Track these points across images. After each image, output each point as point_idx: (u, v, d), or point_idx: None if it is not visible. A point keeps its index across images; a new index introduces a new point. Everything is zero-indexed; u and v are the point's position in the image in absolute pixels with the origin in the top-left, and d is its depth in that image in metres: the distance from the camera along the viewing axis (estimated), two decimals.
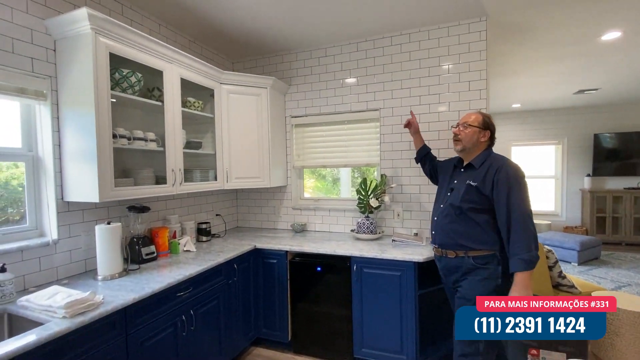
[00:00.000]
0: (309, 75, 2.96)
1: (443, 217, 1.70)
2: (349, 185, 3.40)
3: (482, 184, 1.58)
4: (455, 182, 1.74)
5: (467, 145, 1.70)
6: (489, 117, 1.74)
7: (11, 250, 1.50)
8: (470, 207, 1.60)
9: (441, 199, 1.79)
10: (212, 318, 2.03)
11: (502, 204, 1.52)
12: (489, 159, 1.66)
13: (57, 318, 1.25)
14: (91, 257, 1.85)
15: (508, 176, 1.54)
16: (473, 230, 1.60)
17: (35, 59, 1.60)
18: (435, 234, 1.75)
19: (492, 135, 1.72)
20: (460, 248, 1.62)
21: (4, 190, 1.64)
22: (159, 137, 2.06)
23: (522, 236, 1.47)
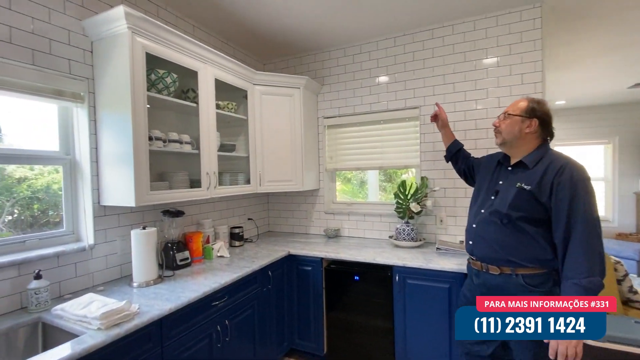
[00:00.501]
0: (343, 74, 2.83)
1: (485, 224, 1.43)
2: (376, 189, 3.23)
3: (537, 188, 1.29)
4: (501, 183, 1.45)
5: (508, 138, 1.43)
6: (539, 103, 1.40)
7: (47, 256, 1.46)
8: (521, 216, 1.32)
9: (482, 203, 1.50)
10: (246, 328, 1.93)
11: (562, 213, 1.23)
12: (547, 156, 1.35)
13: (92, 329, 1.18)
14: (126, 263, 1.81)
15: (572, 178, 1.24)
16: (524, 243, 1.31)
17: (72, 60, 1.58)
18: (474, 245, 1.47)
19: (543, 125, 1.38)
20: (507, 264, 1.34)
21: (46, 194, 1.62)
22: (194, 139, 2.00)
23: (583, 255, 1.17)
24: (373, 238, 2.75)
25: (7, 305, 1.34)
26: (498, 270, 1.36)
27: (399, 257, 2.13)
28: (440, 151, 2.48)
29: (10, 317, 1.31)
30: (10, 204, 1.49)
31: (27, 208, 1.54)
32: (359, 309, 2.23)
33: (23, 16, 1.40)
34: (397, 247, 2.41)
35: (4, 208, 1.47)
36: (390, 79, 2.64)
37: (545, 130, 1.40)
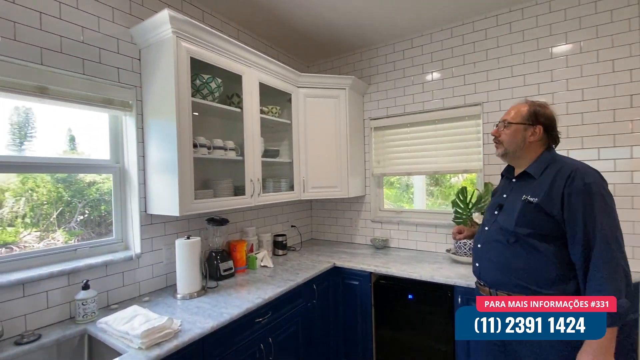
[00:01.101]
0: (392, 72, 2.62)
1: (490, 244, 1.25)
2: (423, 193, 2.94)
3: (546, 199, 1.12)
4: (505, 197, 1.29)
5: (510, 148, 1.26)
6: (542, 106, 1.24)
7: (96, 265, 1.46)
8: (530, 233, 1.14)
9: (487, 220, 1.33)
10: (291, 346, 1.80)
11: (577, 228, 1.06)
12: (554, 163, 1.18)
13: (132, 348, 1.12)
14: (172, 272, 1.77)
15: (585, 185, 1.07)
16: (536, 264, 1.13)
17: (121, 68, 1.58)
18: (480, 267, 1.29)
19: (548, 131, 1.23)
20: (518, 289, 1.15)
21: (110, 197, 1.64)
22: (238, 145, 1.93)
23: (606, 276, 1.01)
24: (427, 251, 2.49)
25: (57, 315, 1.34)
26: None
27: (460, 275, 1.86)
28: None
29: (59, 327, 1.31)
30: (82, 205, 1.56)
31: (95, 209, 1.61)
32: (413, 330, 2.00)
33: (74, 25, 1.41)
34: (457, 262, 2.14)
35: (77, 209, 1.53)
36: (447, 74, 2.38)
37: (550, 136, 1.25)
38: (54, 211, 1.49)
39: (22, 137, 1.39)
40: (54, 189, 1.49)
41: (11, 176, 1.38)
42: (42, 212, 1.45)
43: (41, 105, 1.38)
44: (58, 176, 1.50)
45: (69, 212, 1.54)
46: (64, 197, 1.51)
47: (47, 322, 1.32)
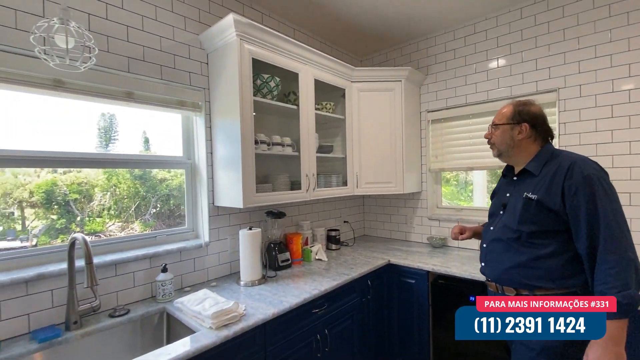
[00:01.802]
0: (451, 60, 2.47)
1: (495, 243, 1.28)
2: (483, 191, 2.72)
3: (547, 195, 1.13)
4: (509, 196, 1.30)
5: (503, 148, 1.31)
6: (525, 105, 1.28)
7: (172, 251, 1.62)
8: (534, 231, 1.15)
9: (492, 220, 1.36)
10: (346, 339, 1.82)
11: (581, 221, 1.06)
12: (553, 159, 1.19)
13: (204, 327, 1.22)
14: (235, 260, 1.90)
15: (585, 177, 1.06)
16: (540, 262, 1.14)
17: (192, 72, 1.73)
18: (486, 266, 1.32)
19: (535, 126, 1.24)
20: (523, 286, 1.18)
21: (178, 192, 1.82)
22: (294, 141, 1.99)
23: (613, 265, 1.00)
24: None
25: (141, 293, 1.53)
26: (514, 292, 1.21)
27: None
28: (589, 144, 1.92)
29: (143, 304, 1.48)
30: (155, 200, 1.73)
31: (165, 203, 1.78)
32: None
33: (153, 36, 1.58)
34: None
35: (150, 202, 1.72)
36: (515, 59, 2.18)
37: (541, 131, 1.26)
38: (132, 204, 1.67)
39: (107, 140, 1.58)
40: (132, 185, 1.66)
41: (99, 173, 1.56)
42: (123, 206, 1.64)
43: (128, 108, 1.57)
44: (135, 173, 1.68)
45: (144, 206, 1.72)
46: (140, 192, 1.69)
47: (134, 299, 1.50)
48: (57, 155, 1.37)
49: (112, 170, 1.61)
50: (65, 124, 1.44)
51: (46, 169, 1.45)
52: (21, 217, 1.39)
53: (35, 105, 1.37)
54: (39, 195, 1.40)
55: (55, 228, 1.43)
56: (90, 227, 1.53)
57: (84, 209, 1.51)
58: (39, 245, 1.38)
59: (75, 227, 1.49)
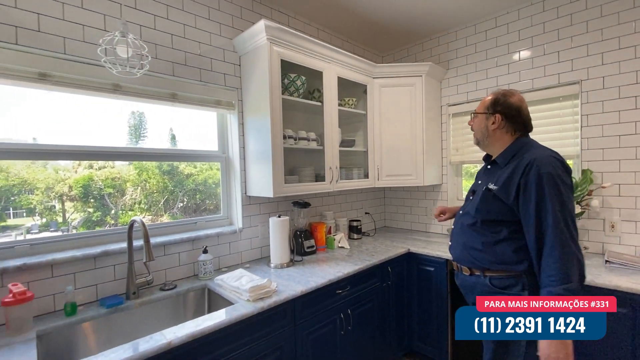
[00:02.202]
0: (472, 54, 2.51)
1: (459, 226, 1.41)
2: None
3: (503, 189, 1.21)
4: (480, 183, 1.38)
5: (479, 136, 1.38)
6: (504, 95, 1.30)
7: (211, 235, 1.81)
8: (487, 220, 1.26)
9: (464, 203, 1.46)
10: (367, 320, 1.95)
11: (530, 217, 1.14)
12: (520, 153, 1.24)
13: (242, 300, 1.40)
14: (265, 246, 2.08)
15: (539, 176, 1.13)
16: (490, 246, 1.26)
17: (226, 74, 1.90)
18: (452, 246, 1.47)
19: (509, 118, 1.28)
20: (475, 266, 1.31)
21: (204, 187, 2.00)
22: (318, 136, 2.13)
23: (558, 261, 1.07)
24: None
25: (186, 271, 1.73)
26: (468, 272, 1.35)
27: None
28: (612, 136, 1.93)
29: (187, 281, 1.68)
30: (182, 194, 1.90)
31: (192, 197, 1.94)
32: None
33: (194, 42, 1.76)
34: None
35: (178, 197, 1.90)
36: (537, 51, 2.20)
37: (515, 124, 1.29)
38: (161, 199, 1.77)
39: (137, 137, 1.70)
40: (161, 180, 1.76)
41: (131, 168, 1.66)
42: (152, 200, 1.75)
43: (172, 108, 1.76)
44: (164, 169, 1.78)
45: (172, 200, 1.81)
46: (168, 187, 1.78)
47: (179, 276, 1.71)
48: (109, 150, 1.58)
49: (142, 166, 1.72)
50: (102, 122, 1.57)
51: (83, 165, 1.56)
52: (62, 210, 1.52)
53: (74, 106, 1.49)
54: (77, 190, 1.51)
55: (92, 220, 1.56)
56: (123, 220, 1.64)
57: (117, 202, 1.62)
58: None
59: (110, 220, 1.60)
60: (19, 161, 1.42)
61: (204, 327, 1.17)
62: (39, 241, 1.37)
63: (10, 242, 1.33)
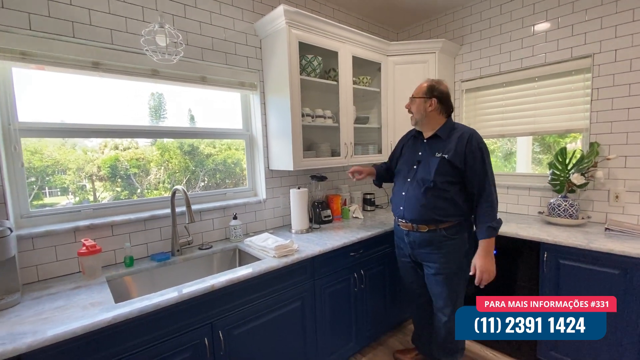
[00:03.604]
0: (487, 29, 2.54)
1: (414, 191, 1.68)
2: (528, 162, 2.78)
3: (454, 156, 1.57)
4: (421, 154, 1.71)
5: (418, 117, 1.71)
6: (438, 82, 1.69)
7: (239, 204, 2.05)
8: (445, 181, 1.60)
9: (406, 173, 1.75)
10: (378, 281, 2.16)
11: (475, 175, 1.56)
12: (455, 129, 1.65)
13: (269, 257, 1.63)
14: (286, 215, 2.30)
15: (479, 146, 1.57)
16: (445, 203, 1.61)
17: (249, 57, 2.06)
18: (405, 210, 1.71)
19: (442, 101, 1.66)
20: (433, 222, 1.64)
21: (223, 167, 2.18)
22: (334, 114, 2.28)
23: (491, 205, 1.56)
24: (518, 213, 2.49)
25: (218, 235, 1.98)
26: (427, 228, 1.66)
27: (549, 234, 1.89)
28: (621, 109, 1.98)
29: (220, 243, 1.94)
30: (203, 174, 2.07)
31: (212, 176, 2.11)
32: (495, 287, 2.12)
33: (219, 28, 1.92)
34: (549, 224, 2.12)
35: (199, 176, 2.09)
36: (551, 25, 2.21)
37: (445, 106, 1.68)
38: (184, 178, 1.87)
39: (157, 118, 1.82)
40: (182, 160, 1.86)
41: (154, 149, 1.75)
42: (175, 179, 1.85)
43: (203, 90, 1.95)
44: (185, 149, 1.85)
45: (194, 179, 1.91)
46: (189, 166, 1.88)
47: (213, 239, 1.96)
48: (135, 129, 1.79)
49: (164, 147, 1.82)
50: (124, 104, 1.67)
51: (109, 146, 1.64)
52: (92, 189, 1.61)
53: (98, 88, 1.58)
54: (105, 170, 1.60)
55: (120, 199, 1.65)
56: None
57: (142, 182, 1.74)
58: None
59: (136, 198, 1.69)
60: (51, 142, 1.53)
61: (240, 275, 1.41)
62: (100, 206, 1.64)
63: (77, 206, 1.59)
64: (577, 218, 2.04)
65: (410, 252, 1.79)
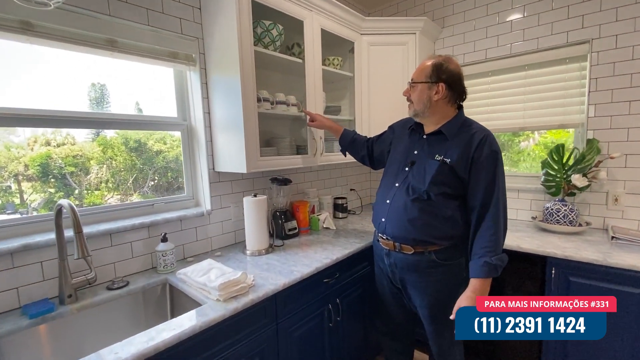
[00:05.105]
0: (471, 10, 2.23)
1: (402, 201, 1.27)
2: None
3: (458, 162, 1.18)
4: (416, 153, 1.30)
5: (419, 108, 1.27)
6: (447, 60, 1.22)
7: (172, 220, 1.50)
8: (442, 192, 1.21)
9: (395, 175, 1.35)
10: (356, 308, 1.75)
11: (479, 190, 1.17)
12: (465, 126, 1.23)
13: (211, 300, 1.13)
14: (239, 229, 1.80)
15: (492, 153, 1.17)
16: (440, 222, 1.22)
17: (183, 19, 1.51)
18: (387, 222, 1.32)
19: (452, 87, 1.21)
20: (421, 243, 1.25)
21: (175, 164, 1.68)
22: (299, 101, 1.81)
23: (494, 234, 1.16)
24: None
25: (141, 264, 1.42)
26: (412, 250, 1.28)
27: (554, 245, 1.62)
28: (622, 102, 1.76)
29: (144, 275, 1.38)
30: (152, 172, 1.63)
31: (163, 175, 1.68)
32: None
33: None
34: (546, 231, 1.87)
35: (148, 175, 1.60)
36: (544, 6, 1.95)
37: (456, 93, 1.23)
38: (130, 177, 1.59)
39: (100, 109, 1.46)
40: (128, 158, 1.59)
41: (94, 146, 1.48)
42: (120, 178, 1.57)
43: (112, 59, 1.37)
44: (131, 145, 1.58)
45: (142, 178, 1.63)
46: (136, 164, 1.59)
47: (133, 270, 1.40)
48: (43, 114, 1.22)
49: (107, 143, 1.51)
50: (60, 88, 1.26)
51: (40, 142, 1.37)
52: (18, 191, 1.35)
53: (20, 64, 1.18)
54: (35, 169, 1.38)
55: (54, 201, 1.40)
56: (89, 200, 1.49)
57: (81, 182, 1.48)
58: None
59: (73, 200, 1.44)
60: None
61: (159, 342, 0.89)
62: None
63: None
64: (576, 225, 1.80)
65: (391, 276, 1.41)
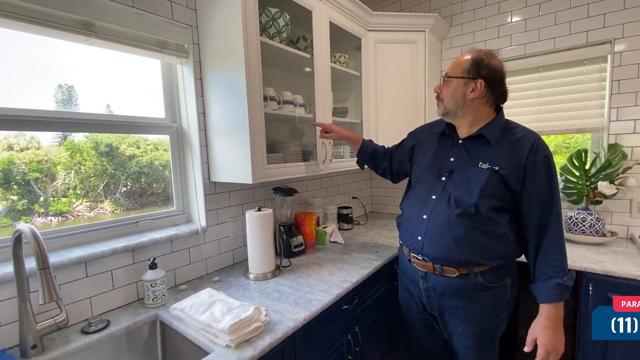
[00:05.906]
0: (481, 8, 2.12)
1: (443, 216, 1.10)
2: None
3: (509, 170, 1.03)
4: (454, 161, 1.14)
5: (450, 106, 1.11)
6: (488, 55, 1.08)
7: (161, 241, 1.25)
8: (493, 206, 1.05)
9: (429, 185, 1.18)
10: (375, 333, 1.56)
11: (536, 202, 1.03)
12: (508, 129, 1.08)
13: (219, 346, 0.89)
14: (238, 247, 1.56)
15: (546, 158, 1.03)
16: (491, 240, 1.06)
17: (174, 2, 1.28)
18: (426, 242, 1.14)
19: (491, 85, 1.06)
20: (467, 265, 1.09)
21: (150, 169, 1.44)
22: (306, 101, 1.61)
23: (559, 252, 1.02)
24: None
25: (124, 297, 1.16)
26: (456, 272, 1.10)
27: (588, 259, 1.49)
28: None
29: (128, 310, 1.13)
30: (124, 178, 1.43)
31: (136, 181, 1.46)
32: (516, 323, 1.68)
33: None
34: (570, 242, 1.74)
35: (120, 181, 1.37)
36: (561, 4, 1.86)
37: (496, 93, 1.08)
38: (100, 183, 1.41)
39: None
40: (98, 162, 1.41)
41: (61, 150, 1.29)
42: (90, 184, 1.39)
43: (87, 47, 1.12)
44: (101, 149, 1.38)
45: (114, 184, 1.43)
46: (107, 170, 1.41)
47: (114, 305, 1.14)
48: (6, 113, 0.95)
49: (75, 147, 1.27)
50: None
51: (0, 147, 1.15)
52: None
53: None
54: None
55: (17, 209, 1.23)
56: (55, 208, 1.29)
57: (46, 188, 1.30)
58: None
59: (39, 208, 1.25)
60: None
61: None
62: None
63: None
64: (603, 235, 1.70)
65: (426, 302, 1.22)
